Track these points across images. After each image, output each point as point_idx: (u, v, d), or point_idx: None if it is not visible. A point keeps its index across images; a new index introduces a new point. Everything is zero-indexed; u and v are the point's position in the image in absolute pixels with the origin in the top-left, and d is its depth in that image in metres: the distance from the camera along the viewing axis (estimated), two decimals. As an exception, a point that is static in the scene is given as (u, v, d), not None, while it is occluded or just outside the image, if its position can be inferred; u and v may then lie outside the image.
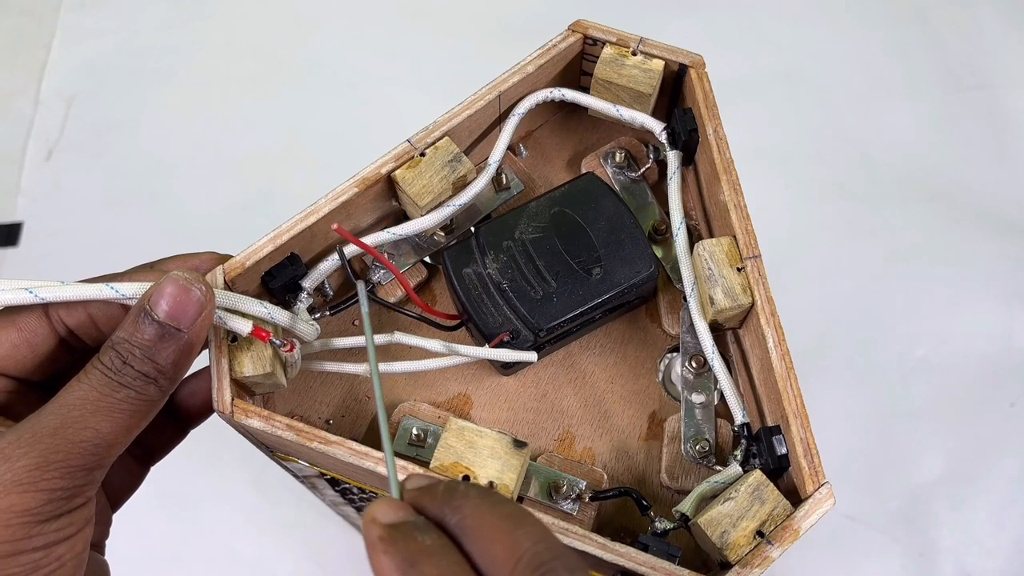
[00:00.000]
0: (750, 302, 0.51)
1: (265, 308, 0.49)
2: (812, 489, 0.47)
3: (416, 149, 0.55)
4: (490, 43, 1.21)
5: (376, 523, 0.35)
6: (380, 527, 0.34)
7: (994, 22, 1.28)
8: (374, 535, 0.34)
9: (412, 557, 0.33)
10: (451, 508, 0.35)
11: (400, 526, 0.34)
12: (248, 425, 0.49)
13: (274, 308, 0.49)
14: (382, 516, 0.35)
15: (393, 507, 0.35)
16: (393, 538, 0.34)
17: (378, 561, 0.33)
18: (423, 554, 0.33)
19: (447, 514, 0.35)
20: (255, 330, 0.47)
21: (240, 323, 0.47)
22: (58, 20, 1.26)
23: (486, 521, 0.34)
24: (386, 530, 0.34)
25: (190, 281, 0.43)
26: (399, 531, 0.34)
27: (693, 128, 0.56)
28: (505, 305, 0.54)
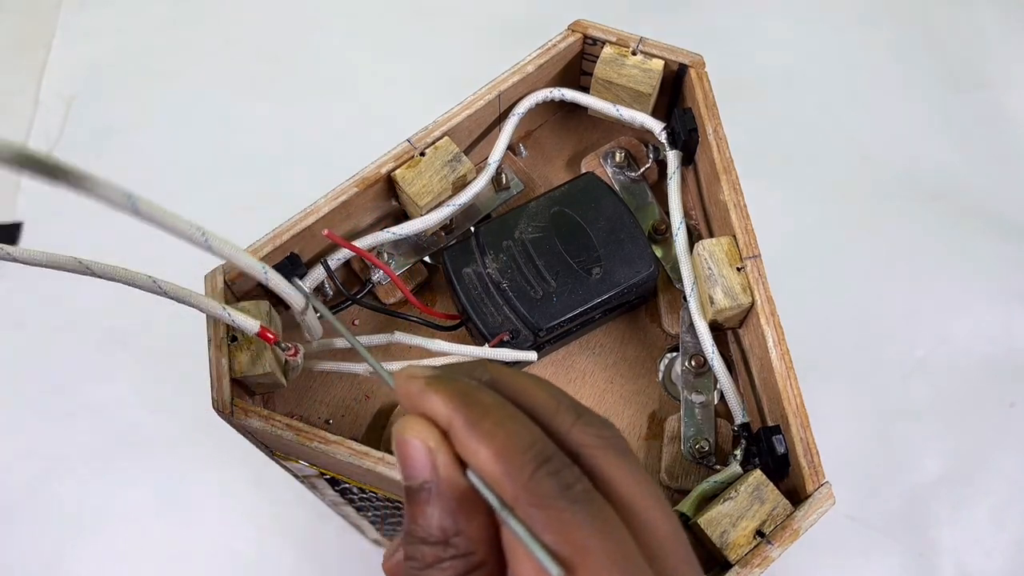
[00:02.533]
0: (750, 302, 0.51)
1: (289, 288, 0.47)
2: (812, 489, 0.47)
3: (416, 149, 0.55)
4: (490, 43, 1.21)
5: (415, 376, 0.34)
6: (422, 377, 0.34)
7: (994, 22, 1.28)
8: (418, 384, 0.33)
9: (466, 390, 0.33)
10: (480, 370, 0.35)
11: (442, 374, 0.34)
12: (248, 425, 0.49)
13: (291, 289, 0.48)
14: (420, 371, 0.34)
15: (424, 369, 0.35)
16: (440, 379, 0.33)
17: (430, 401, 0.33)
18: (474, 387, 0.33)
19: (477, 374, 0.35)
20: (262, 331, 0.47)
21: (248, 322, 0.47)
22: (58, 20, 1.26)
23: (520, 377, 0.35)
24: (430, 377, 0.34)
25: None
26: (444, 376, 0.34)
27: (693, 128, 0.56)
28: (505, 305, 0.54)
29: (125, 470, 1.02)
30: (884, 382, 1.07)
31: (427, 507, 0.33)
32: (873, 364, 1.08)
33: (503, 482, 0.31)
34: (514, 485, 0.31)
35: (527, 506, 0.31)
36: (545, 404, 0.34)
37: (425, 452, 0.33)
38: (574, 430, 0.33)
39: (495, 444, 0.31)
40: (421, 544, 0.33)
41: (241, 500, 1.01)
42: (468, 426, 0.32)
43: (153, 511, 1.01)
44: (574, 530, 0.30)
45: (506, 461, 0.31)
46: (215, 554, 1.00)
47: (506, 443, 0.31)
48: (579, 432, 0.33)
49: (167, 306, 1.02)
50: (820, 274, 1.11)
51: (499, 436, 0.31)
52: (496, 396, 0.33)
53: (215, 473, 1.02)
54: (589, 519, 0.30)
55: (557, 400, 0.34)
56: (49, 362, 1.06)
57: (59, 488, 1.02)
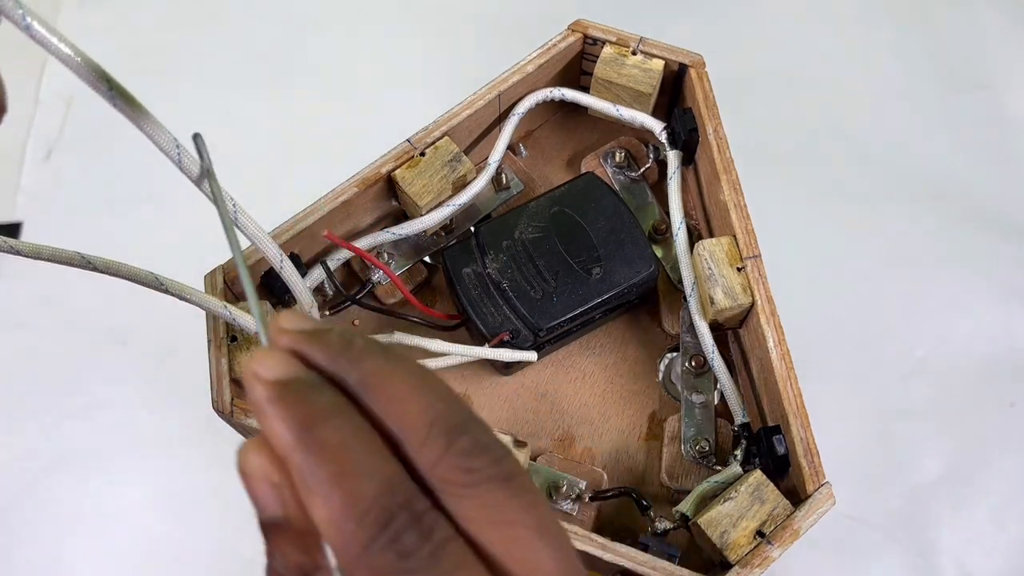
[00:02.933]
0: (750, 302, 0.51)
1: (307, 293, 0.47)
2: (812, 489, 0.47)
3: (416, 149, 0.55)
4: (490, 43, 1.21)
5: (260, 380, 0.29)
6: (266, 385, 0.28)
7: (994, 22, 1.28)
8: (260, 395, 0.28)
9: (308, 420, 0.28)
10: (349, 362, 0.30)
11: (290, 383, 0.29)
12: (248, 425, 0.49)
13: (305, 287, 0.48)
14: (266, 371, 0.29)
15: (278, 360, 0.29)
16: (284, 398, 0.28)
17: (268, 425, 0.28)
18: (320, 416, 0.28)
19: (344, 369, 0.29)
20: None
21: (249, 320, 0.47)
22: (58, 20, 1.25)
23: (393, 379, 0.29)
24: (274, 388, 0.28)
25: None
26: (289, 390, 0.28)
27: (693, 128, 0.56)
28: (505, 305, 0.54)
29: (125, 470, 1.02)
30: (884, 382, 1.07)
31: (282, 542, 0.30)
32: (873, 364, 1.07)
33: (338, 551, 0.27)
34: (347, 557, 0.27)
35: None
36: (414, 427, 0.29)
37: (269, 489, 0.29)
38: (440, 465, 0.28)
39: (330, 504, 0.27)
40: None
41: (241, 500, 1.01)
42: (305, 471, 0.28)
43: (153, 511, 1.01)
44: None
45: (340, 527, 0.27)
46: (215, 554, 1.00)
47: (343, 502, 0.27)
48: (445, 468, 0.28)
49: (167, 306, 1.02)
50: (820, 274, 1.10)
51: (335, 495, 0.27)
52: (346, 429, 0.28)
53: (215, 473, 1.02)
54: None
55: (431, 420, 0.29)
56: (49, 362, 1.06)
57: (59, 488, 1.02)
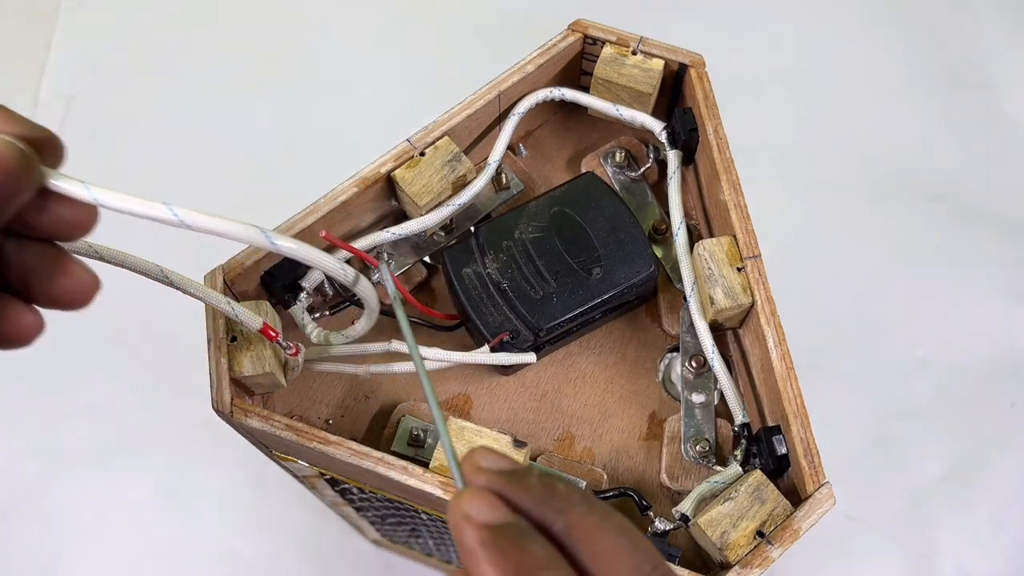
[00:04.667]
0: (750, 302, 0.51)
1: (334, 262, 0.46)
2: (812, 489, 0.47)
3: (416, 149, 0.55)
4: (490, 43, 1.21)
5: (472, 523, 0.30)
6: (479, 529, 0.30)
7: (994, 22, 1.28)
8: (473, 539, 0.29)
9: (524, 570, 0.29)
10: (554, 511, 0.31)
11: (503, 529, 0.30)
12: (247, 425, 0.48)
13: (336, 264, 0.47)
14: (478, 515, 0.30)
15: (488, 504, 0.31)
16: (499, 545, 0.29)
17: (481, 570, 0.29)
18: (536, 567, 0.29)
19: (549, 517, 0.31)
20: (264, 328, 0.47)
21: (252, 320, 0.47)
22: (58, 20, 1.26)
23: (601, 532, 0.31)
24: (487, 533, 0.30)
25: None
26: (504, 536, 0.30)
27: (693, 128, 0.56)
28: (505, 305, 0.54)
29: (125, 470, 1.02)
30: (884, 382, 1.07)
31: None
32: (873, 364, 1.08)
33: None
34: None
35: None
36: None
37: None
38: None
39: None
40: None
41: (241, 500, 1.01)
42: None
43: (153, 511, 1.01)
44: None
45: None
46: (215, 554, 1.00)
47: None
48: None
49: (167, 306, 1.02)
50: (820, 274, 1.11)
51: None
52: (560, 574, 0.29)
53: (215, 473, 1.02)
54: None
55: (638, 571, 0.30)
56: (49, 362, 1.06)
57: (59, 488, 1.02)
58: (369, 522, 0.82)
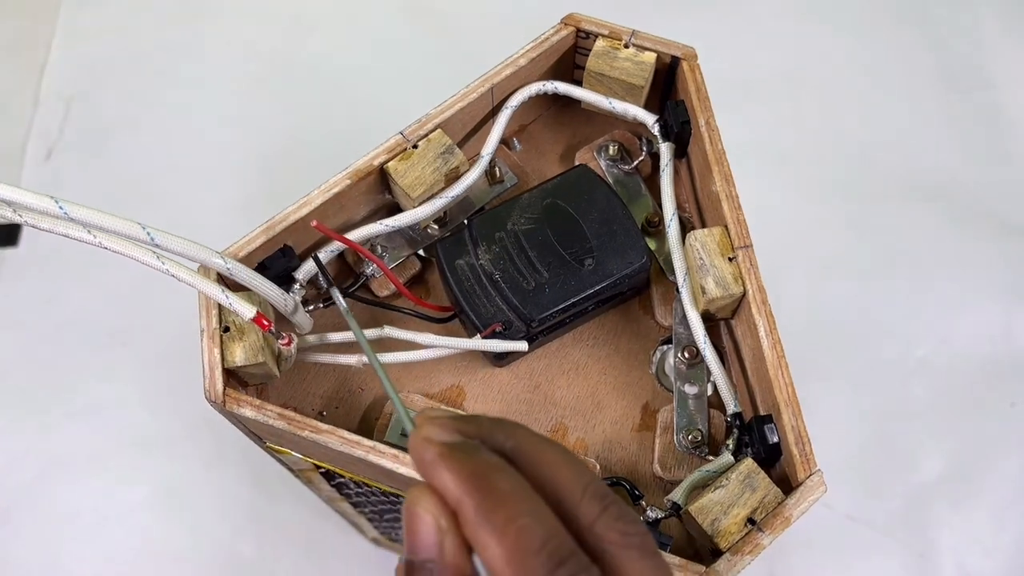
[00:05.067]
0: (741, 291, 0.51)
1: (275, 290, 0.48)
2: (803, 477, 0.47)
3: (409, 141, 0.55)
4: (483, 36, 1.21)
5: (431, 441, 0.32)
6: (437, 444, 0.32)
7: (994, 22, 1.28)
8: (432, 452, 0.31)
9: (479, 470, 0.31)
10: (503, 434, 0.33)
11: (459, 444, 0.32)
12: (240, 414, 0.49)
13: (273, 288, 0.48)
14: (437, 436, 0.32)
15: (445, 427, 0.33)
16: (456, 455, 0.31)
17: (441, 477, 0.31)
18: (490, 468, 0.31)
19: (499, 439, 0.33)
20: (257, 317, 0.47)
21: (244, 307, 0.47)
22: (58, 20, 1.26)
23: (545, 448, 0.33)
24: (446, 447, 0.32)
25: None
26: (460, 448, 0.32)
27: (685, 120, 0.56)
28: (497, 296, 0.54)
29: (125, 470, 1.02)
30: (884, 382, 1.07)
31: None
32: (873, 364, 1.07)
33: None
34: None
35: None
36: (570, 488, 0.32)
37: (434, 530, 0.31)
38: (598, 524, 0.31)
39: (506, 542, 0.29)
40: None
41: (241, 500, 1.01)
42: (479, 515, 0.30)
43: (152, 511, 1.01)
44: None
45: (516, 563, 0.29)
46: (215, 554, 1.00)
47: (518, 542, 0.29)
48: (603, 527, 0.31)
49: (167, 306, 1.02)
50: (820, 274, 1.11)
51: (510, 533, 0.29)
52: (513, 480, 0.31)
53: (215, 473, 1.02)
54: None
55: (583, 485, 0.32)
56: (49, 362, 1.06)
57: (59, 488, 1.02)
58: (367, 519, 0.82)
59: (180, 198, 1.13)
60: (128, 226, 0.41)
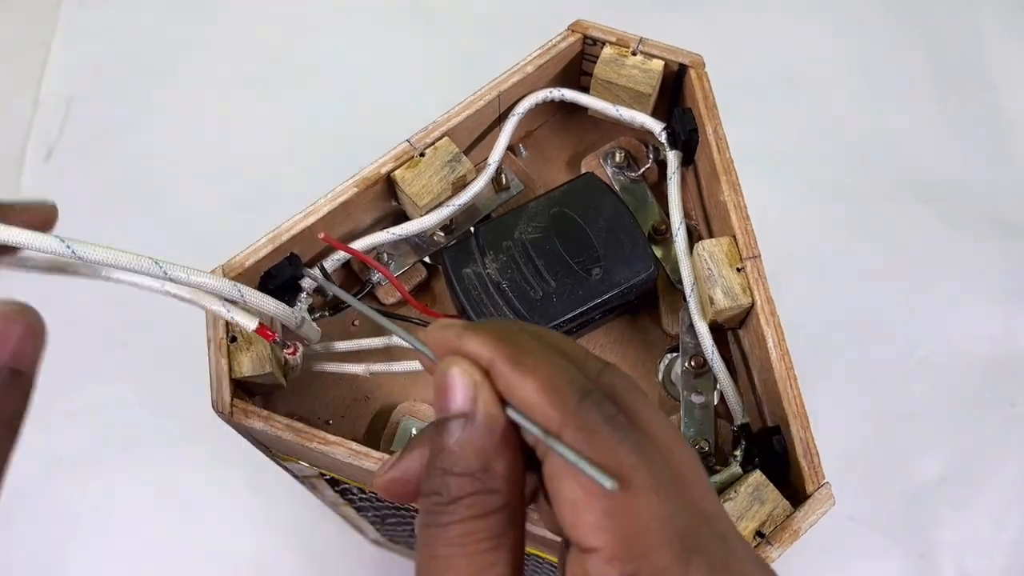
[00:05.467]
0: (750, 302, 0.51)
1: (279, 307, 0.48)
2: (812, 489, 0.47)
3: (416, 149, 0.55)
4: (490, 43, 1.21)
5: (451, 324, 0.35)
6: (461, 324, 0.35)
7: (994, 23, 1.28)
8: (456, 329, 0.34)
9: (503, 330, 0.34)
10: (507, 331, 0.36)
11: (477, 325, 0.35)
12: (248, 425, 0.49)
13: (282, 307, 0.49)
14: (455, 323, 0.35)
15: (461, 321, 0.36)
16: (477, 326, 0.34)
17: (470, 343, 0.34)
18: (511, 328, 0.35)
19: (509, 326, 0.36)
20: (260, 329, 0.47)
21: (246, 319, 0.47)
22: (58, 20, 1.26)
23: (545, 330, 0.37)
24: (467, 324, 0.35)
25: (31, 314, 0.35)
26: (477, 324, 0.35)
27: (693, 128, 0.56)
28: (504, 305, 0.54)
29: (125, 470, 1.02)
30: (884, 382, 1.07)
31: (461, 439, 0.33)
32: (873, 364, 1.08)
33: (548, 412, 0.32)
34: (561, 414, 0.32)
35: (575, 431, 0.31)
36: (574, 352, 0.35)
37: (470, 385, 0.33)
38: (603, 375, 0.34)
39: (539, 377, 0.32)
40: (446, 475, 0.33)
41: (241, 500, 1.01)
42: (511, 362, 0.33)
43: (153, 511, 1.01)
44: (622, 455, 0.31)
45: (551, 392, 0.32)
46: (215, 554, 1.00)
47: (550, 376, 0.32)
48: (608, 376, 0.34)
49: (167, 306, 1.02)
50: (820, 274, 1.11)
51: (542, 370, 0.32)
52: (534, 336, 0.35)
53: (215, 473, 1.02)
54: (633, 445, 0.32)
55: (584, 350, 0.35)
56: (49, 362, 1.06)
57: (59, 488, 1.02)
58: (369, 522, 0.82)
59: (180, 198, 1.13)
60: (140, 261, 0.41)
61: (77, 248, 0.39)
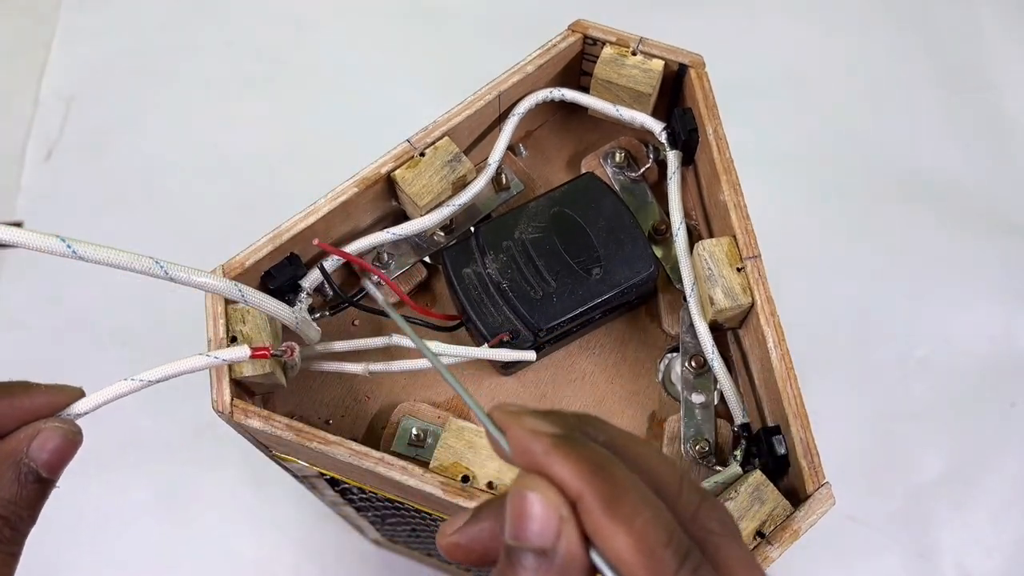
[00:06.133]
0: (750, 302, 0.51)
1: (279, 307, 0.48)
2: (812, 489, 0.47)
3: (416, 149, 0.55)
4: (490, 43, 1.21)
5: (539, 432, 0.31)
6: (549, 435, 0.31)
7: (994, 23, 1.28)
8: (544, 443, 0.31)
9: (598, 460, 0.31)
10: (593, 428, 0.33)
11: (568, 436, 0.32)
12: (248, 425, 0.49)
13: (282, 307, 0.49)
14: (543, 427, 0.32)
15: (548, 419, 0.32)
16: (570, 443, 0.31)
17: (557, 468, 0.30)
18: (607, 458, 0.31)
19: (592, 433, 0.33)
20: (254, 353, 0.47)
21: (238, 353, 0.47)
22: (58, 20, 1.25)
23: (638, 443, 0.33)
24: (556, 438, 0.31)
25: (75, 433, 0.41)
26: (572, 439, 0.31)
27: (693, 128, 0.56)
28: (505, 305, 0.54)
29: (125, 471, 1.02)
30: (884, 382, 1.07)
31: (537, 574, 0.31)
32: (873, 364, 1.08)
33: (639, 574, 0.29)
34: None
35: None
36: (669, 481, 0.32)
37: (555, 518, 0.30)
38: (700, 514, 0.32)
39: (634, 532, 0.29)
40: None
41: (241, 500, 1.01)
42: (605, 506, 0.30)
43: (153, 512, 1.01)
44: None
45: (647, 554, 0.29)
46: (215, 555, 1.00)
47: (645, 532, 0.29)
48: (705, 517, 0.32)
49: (167, 306, 1.02)
50: (820, 274, 1.11)
51: (638, 523, 0.30)
52: (628, 473, 0.31)
53: (215, 474, 1.02)
54: None
55: (679, 477, 0.33)
56: (49, 362, 1.06)
57: (59, 489, 1.02)
58: (369, 522, 0.82)
59: (180, 198, 1.13)
60: (140, 261, 0.40)
61: (78, 248, 0.38)
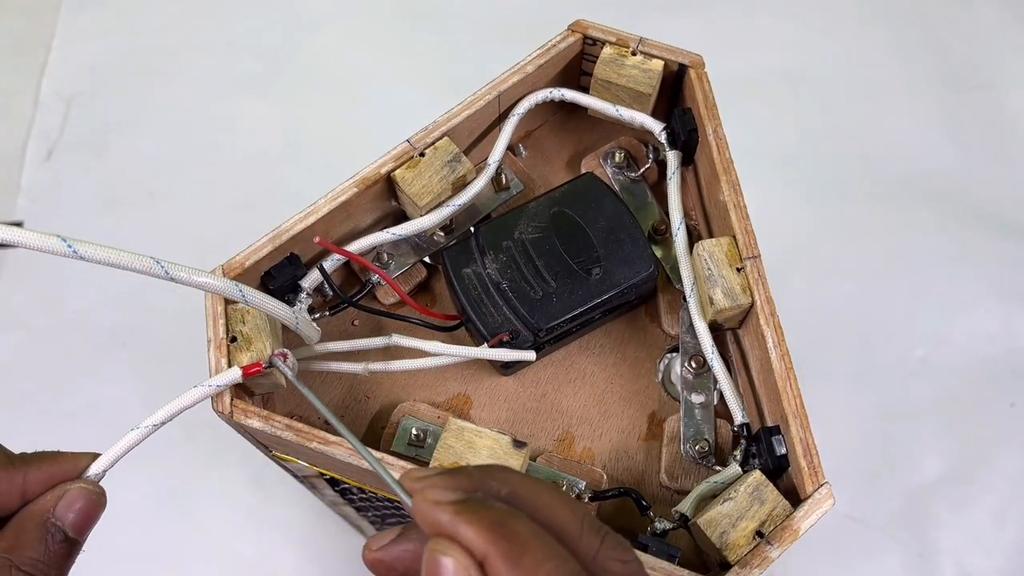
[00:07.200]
0: (749, 302, 0.51)
1: (279, 307, 0.48)
2: (812, 489, 0.47)
3: (416, 149, 0.55)
4: (490, 43, 1.21)
5: (441, 503, 0.33)
6: (451, 503, 0.33)
7: (994, 22, 1.28)
8: (447, 513, 0.32)
9: (499, 519, 0.32)
10: (497, 481, 0.34)
11: (469, 499, 0.33)
12: (247, 425, 0.49)
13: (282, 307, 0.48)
14: (444, 496, 0.33)
15: (448, 485, 0.34)
16: (470, 508, 0.32)
17: (463, 533, 0.32)
18: (507, 515, 0.33)
19: (495, 487, 0.34)
20: (245, 371, 0.47)
21: (229, 377, 0.47)
22: (58, 20, 1.25)
23: (541, 491, 0.35)
24: (460, 504, 0.33)
25: (99, 495, 0.43)
26: (472, 503, 0.33)
27: (693, 128, 0.56)
28: (505, 305, 0.54)
29: (125, 470, 1.02)
30: (884, 382, 1.07)
31: None
32: (873, 364, 1.08)
33: None
34: None
35: None
36: (569, 525, 0.34)
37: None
38: (599, 556, 0.34)
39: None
40: None
41: (241, 500, 1.01)
42: (510, 564, 0.31)
43: (153, 511, 1.01)
44: None
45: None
46: (215, 554, 1.00)
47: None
48: (604, 558, 0.34)
49: (167, 306, 1.02)
50: (820, 274, 1.11)
51: (541, 573, 0.31)
52: (531, 526, 0.33)
53: (215, 473, 1.02)
54: None
55: (579, 519, 0.34)
56: (49, 362, 1.06)
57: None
58: (369, 522, 0.82)
59: (180, 198, 1.13)
60: (141, 261, 0.40)
61: (78, 248, 0.38)
